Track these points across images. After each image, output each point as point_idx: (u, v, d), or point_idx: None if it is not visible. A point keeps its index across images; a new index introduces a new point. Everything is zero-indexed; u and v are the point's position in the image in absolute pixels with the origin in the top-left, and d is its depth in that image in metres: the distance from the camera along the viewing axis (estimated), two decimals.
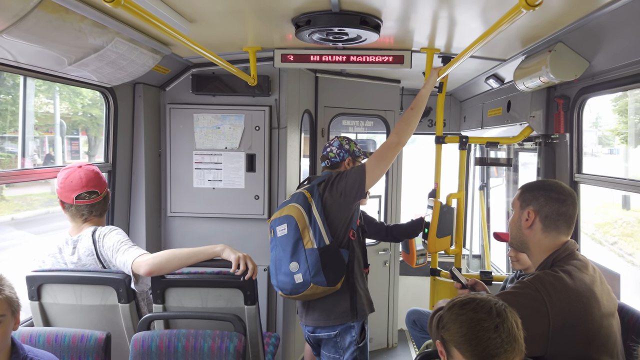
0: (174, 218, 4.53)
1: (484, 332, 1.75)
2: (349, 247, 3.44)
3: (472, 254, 6.80)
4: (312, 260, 3.28)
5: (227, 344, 2.65)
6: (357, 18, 2.91)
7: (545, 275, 2.27)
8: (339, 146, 3.66)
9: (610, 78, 2.97)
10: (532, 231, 2.46)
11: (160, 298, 2.97)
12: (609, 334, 2.23)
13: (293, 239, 3.34)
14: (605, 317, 2.23)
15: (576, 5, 2.48)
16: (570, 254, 2.38)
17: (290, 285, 3.35)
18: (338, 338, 3.47)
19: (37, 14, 2.24)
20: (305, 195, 3.45)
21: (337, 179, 3.45)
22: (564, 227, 2.42)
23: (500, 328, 1.75)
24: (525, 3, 1.58)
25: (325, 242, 3.31)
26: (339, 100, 5.28)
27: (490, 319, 1.76)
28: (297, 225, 3.34)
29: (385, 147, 3.42)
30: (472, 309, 1.81)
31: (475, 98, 5.38)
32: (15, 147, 5.79)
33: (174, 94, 4.44)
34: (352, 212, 3.47)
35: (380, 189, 5.72)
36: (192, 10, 2.79)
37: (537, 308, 2.17)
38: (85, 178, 3.04)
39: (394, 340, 5.97)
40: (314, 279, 3.28)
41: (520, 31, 3.01)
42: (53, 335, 2.61)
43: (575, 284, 2.23)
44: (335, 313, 3.43)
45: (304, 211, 3.36)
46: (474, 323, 1.77)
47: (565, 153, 3.55)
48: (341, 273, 3.35)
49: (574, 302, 2.19)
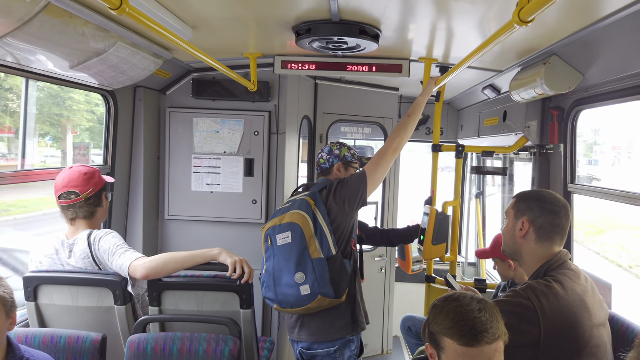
0: (172, 221, 4.56)
1: (470, 313, 1.88)
2: (351, 257, 3.36)
3: (467, 262, 6.84)
4: (320, 271, 3.12)
5: (222, 347, 2.68)
6: (357, 28, 2.95)
7: (538, 284, 2.31)
8: (329, 152, 3.58)
9: (603, 91, 3.02)
10: (526, 241, 2.50)
11: (157, 301, 3.00)
12: (599, 344, 2.27)
13: (299, 249, 3.15)
14: (596, 327, 2.27)
15: (571, 20, 2.53)
16: (562, 263, 2.42)
17: (294, 298, 3.16)
18: (337, 354, 3.32)
19: (42, 19, 2.28)
20: (308, 202, 3.27)
21: (340, 186, 3.33)
22: (557, 238, 2.47)
23: (483, 310, 1.89)
24: (519, 19, 1.62)
25: (332, 252, 3.17)
26: (338, 107, 5.32)
27: (473, 304, 1.91)
28: (302, 234, 3.16)
29: (383, 153, 3.42)
30: (455, 299, 1.97)
31: (473, 107, 5.43)
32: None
33: (175, 98, 4.48)
34: (353, 220, 3.41)
35: (378, 196, 5.76)
36: (194, 16, 2.84)
37: (529, 317, 2.22)
38: (67, 179, 3.04)
39: (389, 347, 5.99)
40: (322, 290, 3.12)
41: (516, 44, 3.06)
42: (49, 336, 2.63)
43: (567, 294, 2.27)
44: (336, 327, 3.29)
45: (310, 219, 3.20)
46: (460, 309, 1.92)
47: (560, 163, 3.60)
48: (347, 284, 3.23)
49: (565, 311, 2.23)
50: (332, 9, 2.68)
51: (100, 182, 3.16)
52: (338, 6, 2.64)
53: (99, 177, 3.16)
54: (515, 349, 2.01)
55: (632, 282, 10.41)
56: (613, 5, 2.25)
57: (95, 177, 3.14)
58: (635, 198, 2.93)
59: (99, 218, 3.18)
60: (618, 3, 2.21)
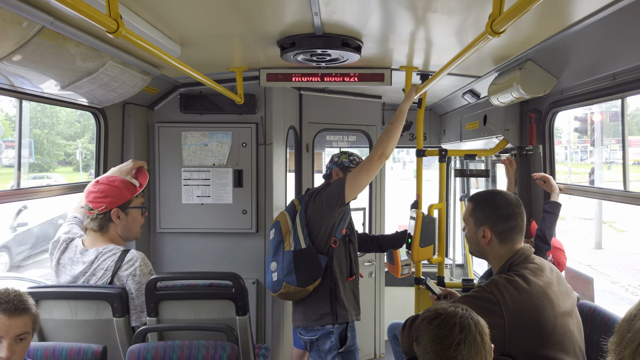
0: (164, 234, 4.62)
1: (446, 350, 1.90)
2: (328, 254, 3.66)
3: (455, 264, 6.96)
4: (286, 261, 3.59)
5: (221, 353, 2.76)
6: (339, 40, 3.07)
7: (500, 279, 2.49)
8: (330, 160, 3.98)
9: (577, 93, 3.17)
10: (490, 246, 2.70)
11: (154, 311, 3.06)
12: (565, 332, 2.41)
13: (276, 242, 3.70)
14: (559, 316, 2.41)
15: (543, 26, 2.67)
16: (525, 258, 2.60)
17: (269, 283, 3.69)
18: (320, 342, 3.69)
19: (37, 42, 2.36)
20: (294, 203, 3.87)
21: (323, 188, 3.74)
22: (517, 236, 2.67)
23: (462, 345, 1.90)
24: (491, 30, 1.74)
25: (301, 245, 3.60)
26: (323, 117, 5.42)
27: (452, 337, 1.91)
28: (281, 230, 3.70)
29: (368, 160, 3.60)
30: (437, 325, 1.96)
31: (454, 112, 5.57)
32: None
33: (162, 113, 4.56)
34: (335, 220, 3.67)
35: (364, 202, 5.85)
36: (183, 34, 2.93)
37: (492, 309, 2.36)
38: (87, 191, 3.31)
39: (381, 351, 6.07)
40: (285, 278, 3.57)
41: (492, 51, 3.20)
42: (50, 350, 2.69)
43: (529, 286, 2.43)
44: (316, 315, 3.66)
45: (289, 217, 3.75)
46: (438, 340, 1.93)
47: (539, 163, 3.74)
48: (314, 276, 3.59)
49: (527, 302, 2.39)
50: (315, 23, 2.80)
51: (116, 200, 3.27)
52: (321, 20, 2.75)
53: (114, 195, 3.27)
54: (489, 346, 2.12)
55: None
56: (582, 11, 2.39)
57: (110, 194, 3.26)
58: (610, 194, 3.08)
59: (112, 232, 3.29)
60: (586, 9, 2.35)
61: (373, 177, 3.69)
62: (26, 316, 2.20)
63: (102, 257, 3.11)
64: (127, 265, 3.08)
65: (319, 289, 3.65)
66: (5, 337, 2.13)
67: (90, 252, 3.13)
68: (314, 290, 3.62)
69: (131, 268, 3.07)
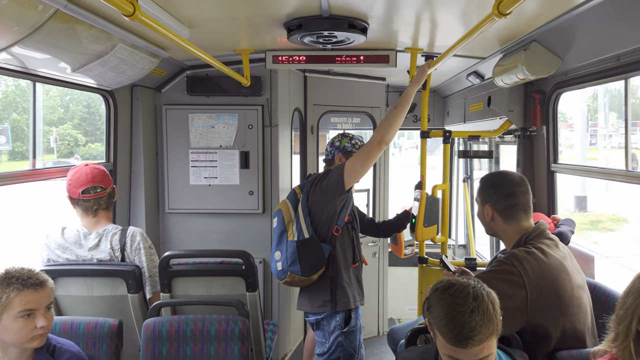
0: (172, 214, 4.70)
1: (461, 316, 1.93)
2: (331, 242, 3.62)
3: (457, 244, 7.05)
4: (290, 251, 3.55)
5: (232, 327, 2.85)
6: (346, 22, 3.11)
7: (519, 251, 2.54)
8: (331, 144, 3.86)
9: (581, 74, 3.21)
10: (495, 223, 2.76)
11: (167, 287, 3.15)
12: (580, 304, 2.48)
13: (279, 231, 3.66)
14: (575, 288, 2.48)
15: (548, 7, 2.70)
16: (540, 232, 2.65)
17: (275, 272, 3.67)
18: (324, 322, 3.69)
19: (51, 25, 2.41)
20: (295, 191, 3.78)
21: (323, 176, 3.67)
22: (520, 214, 2.70)
23: (475, 312, 1.93)
24: (498, 12, 1.78)
25: (304, 235, 3.56)
26: (327, 99, 5.47)
27: (466, 304, 1.95)
28: (283, 219, 3.66)
29: (367, 146, 3.52)
30: (451, 294, 2.00)
31: (458, 94, 5.61)
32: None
33: (170, 95, 4.61)
34: (336, 208, 3.61)
35: (369, 183, 5.92)
36: (191, 17, 2.97)
37: (515, 281, 2.43)
38: (90, 174, 3.26)
39: (384, 329, 6.19)
40: (290, 268, 3.54)
41: (497, 32, 3.23)
42: (68, 323, 2.77)
43: (548, 258, 2.49)
44: (318, 301, 3.67)
45: (291, 206, 3.70)
46: (451, 308, 1.96)
47: (543, 145, 3.79)
48: (318, 265, 3.55)
49: (547, 273, 2.45)
50: (322, 5, 2.83)
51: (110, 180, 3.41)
52: (328, 2, 2.79)
53: (107, 175, 3.40)
54: (508, 313, 2.20)
55: None
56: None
57: (109, 175, 3.40)
58: (613, 174, 3.14)
59: (108, 212, 3.37)
60: None
61: (373, 164, 3.64)
62: (48, 287, 2.37)
63: (107, 237, 3.20)
64: (129, 240, 3.21)
65: (323, 277, 3.64)
66: (39, 309, 2.31)
67: (92, 235, 3.21)
68: (318, 278, 3.62)
69: (135, 243, 3.21)
